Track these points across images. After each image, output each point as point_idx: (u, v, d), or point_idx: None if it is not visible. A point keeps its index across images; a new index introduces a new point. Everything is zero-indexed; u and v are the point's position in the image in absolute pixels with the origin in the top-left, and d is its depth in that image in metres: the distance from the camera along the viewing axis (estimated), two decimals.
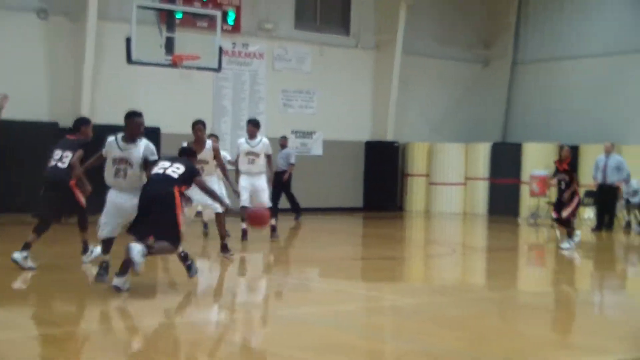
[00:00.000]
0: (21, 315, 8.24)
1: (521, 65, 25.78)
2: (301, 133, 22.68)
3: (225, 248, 12.13)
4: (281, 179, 18.09)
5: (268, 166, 14.10)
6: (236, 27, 21.20)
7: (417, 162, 24.06)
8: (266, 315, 8.78)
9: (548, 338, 7.69)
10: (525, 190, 22.04)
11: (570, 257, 14.32)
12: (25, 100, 18.66)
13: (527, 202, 21.85)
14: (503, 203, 22.91)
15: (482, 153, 23.42)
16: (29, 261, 10.46)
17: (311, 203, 21.72)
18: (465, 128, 25.29)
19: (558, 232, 17.41)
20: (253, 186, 13.73)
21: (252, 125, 14.17)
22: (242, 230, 14.26)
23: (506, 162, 23.02)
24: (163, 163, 9.36)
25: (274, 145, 18.21)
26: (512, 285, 11.75)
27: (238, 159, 13.90)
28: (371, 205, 23.54)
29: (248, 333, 7.88)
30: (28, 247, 10.48)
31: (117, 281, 8.97)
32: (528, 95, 25.50)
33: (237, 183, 13.61)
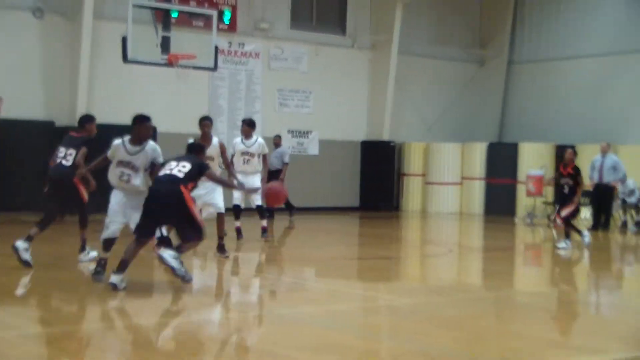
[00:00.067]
0: (17, 314, 8.21)
1: (517, 65, 25.79)
2: (297, 132, 22.67)
3: (222, 248, 12.13)
4: (276, 178, 18.04)
5: (263, 166, 14.20)
6: (232, 27, 21.19)
7: (414, 162, 24.05)
8: (262, 315, 8.76)
9: (545, 338, 7.69)
10: (521, 190, 22.05)
11: (566, 257, 14.32)
12: (21, 99, 18.65)
13: (524, 202, 21.86)
14: (499, 203, 22.91)
15: (479, 153, 23.42)
16: (28, 254, 10.42)
17: (307, 203, 21.70)
18: (461, 128, 25.29)
19: (554, 232, 17.43)
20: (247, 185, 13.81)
21: (247, 125, 14.22)
22: (236, 228, 14.28)
23: (502, 162, 23.02)
24: (170, 164, 9.40)
25: (268, 144, 18.20)
26: (509, 285, 11.74)
27: (233, 159, 13.95)
28: (367, 205, 23.54)
29: (244, 333, 7.86)
30: (30, 240, 10.52)
31: (114, 278, 9.00)
32: (524, 95, 25.52)
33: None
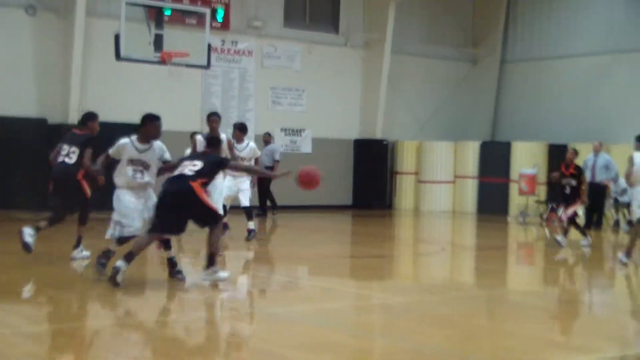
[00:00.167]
0: (13, 312, 8.18)
1: (510, 64, 25.82)
2: (290, 131, 22.65)
3: None
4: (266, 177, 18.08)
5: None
6: (225, 25, 21.14)
7: (407, 160, 24.06)
8: (255, 313, 8.76)
9: (537, 337, 7.70)
10: (514, 188, 22.07)
11: (559, 256, 14.35)
12: (13, 96, 18.62)
13: (516, 201, 21.88)
14: (492, 201, 22.93)
15: (471, 151, 23.44)
16: (32, 239, 10.44)
17: (300, 201, 21.66)
18: (454, 126, 25.30)
19: (547, 231, 17.46)
20: (236, 187, 13.84)
21: (239, 129, 14.20)
22: (224, 224, 14.24)
23: (495, 161, 23.05)
24: (183, 163, 9.50)
25: (259, 142, 18.21)
26: (502, 283, 11.77)
27: None
28: (360, 203, 23.53)
29: (237, 331, 7.86)
30: (37, 230, 10.57)
31: (120, 263, 9.00)
32: (517, 94, 25.54)
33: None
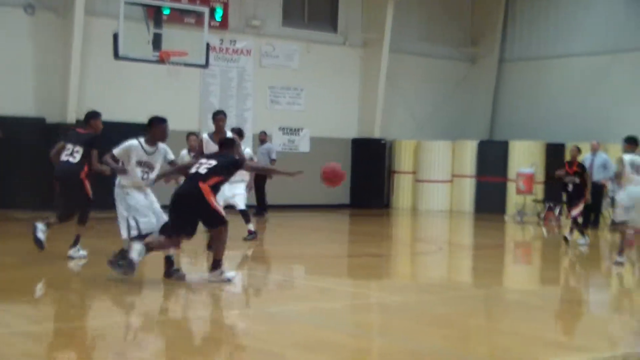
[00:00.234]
0: (9, 311, 8.19)
1: (508, 63, 25.83)
2: (288, 130, 22.67)
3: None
4: (262, 176, 18.12)
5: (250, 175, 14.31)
6: (224, 24, 21.16)
7: (404, 160, 24.08)
8: (253, 312, 8.77)
9: (535, 336, 7.72)
10: (511, 187, 22.10)
11: (557, 255, 14.39)
12: (12, 95, 18.62)
13: (514, 200, 21.91)
14: (489, 201, 22.95)
15: (469, 151, 23.47)
16: (44, 235, 10.65)
17: (297, 200, 21.72)
18: (452, 126, 25.31)
19: (544, 230, 17.49)
20: (231, 192, 13.84)
21: (237, 134, 14.14)
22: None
23: (493, 160, 23.07)
24: (200, 161, 9.65)
25: (255, 141, 18.20)
26: (499, 283, 11.79)
27: None
28: (358, 202, 23.53)
29: (235, 331, 7.88)
30: (48, 226, 10.73)
31: (139, 245, 9.24)
32: (515, 93, 25.56)
33: None
